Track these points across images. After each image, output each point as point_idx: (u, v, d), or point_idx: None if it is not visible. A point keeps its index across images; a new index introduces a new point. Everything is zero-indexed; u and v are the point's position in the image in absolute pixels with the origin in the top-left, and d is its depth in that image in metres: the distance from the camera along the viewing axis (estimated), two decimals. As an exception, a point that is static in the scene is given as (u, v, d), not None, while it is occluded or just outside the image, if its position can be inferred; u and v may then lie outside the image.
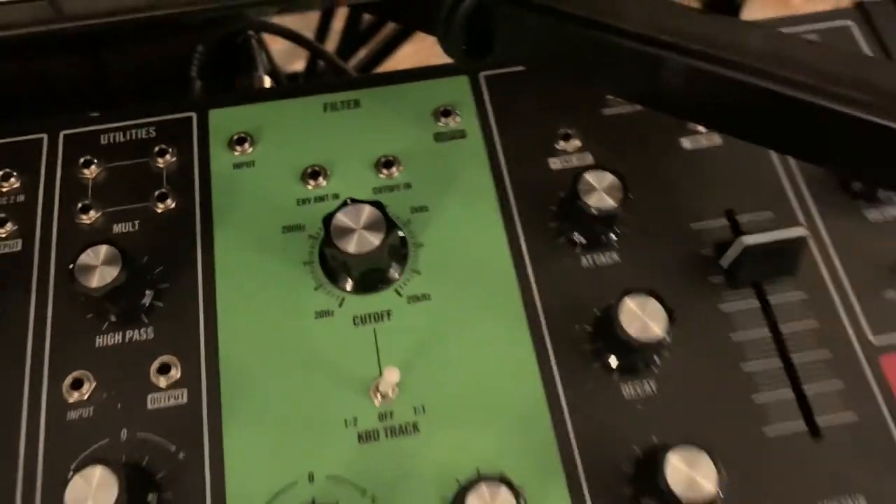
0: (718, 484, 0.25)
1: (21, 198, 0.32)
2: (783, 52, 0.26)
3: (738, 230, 0.31)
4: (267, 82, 0.42)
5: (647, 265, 0.31)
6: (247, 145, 0.33)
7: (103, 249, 0.28)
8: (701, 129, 0.34)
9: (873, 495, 0.27)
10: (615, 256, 0.31)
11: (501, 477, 0.25)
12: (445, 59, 0.32)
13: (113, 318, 0.29)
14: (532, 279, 0.31)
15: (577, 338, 0.29)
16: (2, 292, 0.30)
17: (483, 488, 0.24)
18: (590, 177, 0.30)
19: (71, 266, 0.28)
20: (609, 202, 0.29)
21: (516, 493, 0.24)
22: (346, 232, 0.29)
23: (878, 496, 0.27)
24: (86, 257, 0.28)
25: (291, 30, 0.45)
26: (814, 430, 0.28)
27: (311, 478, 0.27)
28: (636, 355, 0.28)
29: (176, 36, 0.40)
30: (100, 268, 0.28)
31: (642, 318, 0.27)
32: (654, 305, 0.27)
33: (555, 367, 0.29)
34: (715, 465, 0.25)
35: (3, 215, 0.32)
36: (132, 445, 0.27)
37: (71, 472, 0.25)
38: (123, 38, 0.39)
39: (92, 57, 0.40)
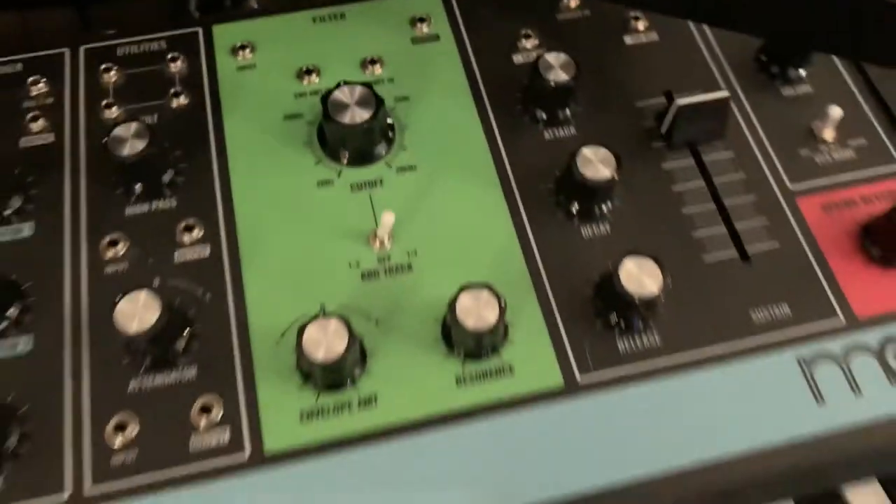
0: (662, 285, 0.30)
1: (50, 100, 0.36)
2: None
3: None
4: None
5: (599, 134, 0.36)
6: (247, 52, 0.38)
7: (134, 125, 0.32)
8: (640, 27, 0.39)
9: (793, 303, 0.32)
10: (572, 130, 0.36)
11: (485, 283, 0.29)
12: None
13: (139, 191, 0.34)
14: (502, 150, 0.36)
15: (542, 193, 0.34)
16: (40, 175, 0.34)
17: (472, 290, 0.29)
18: (549, 57, 0.35)
19: (105, 140, 0.32)
20: (564, 76, 0.35)
21: (497, 295, 0.29)
22: (342, 107, 0.33)
23: (796, 303, 0.32)
24: (119, 130, 0.32)
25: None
26: (744, 255, 0.33)
27: (322, 309, 0.31)
28: (592, 197, 0.33)
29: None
30: (130, 140, 0.32)
31: (595, 163, 0.32)
32: (604, 153, 0.33)
33: (524, 216, 0.34)
34: (661, 269, 0.30)
35: (36, 113, 0.36)
36: (164, 291, 0.31)
37: (119, 295, 0.29)
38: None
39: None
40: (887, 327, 0.32)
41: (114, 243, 0.32)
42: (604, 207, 0.34)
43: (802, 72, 0.38)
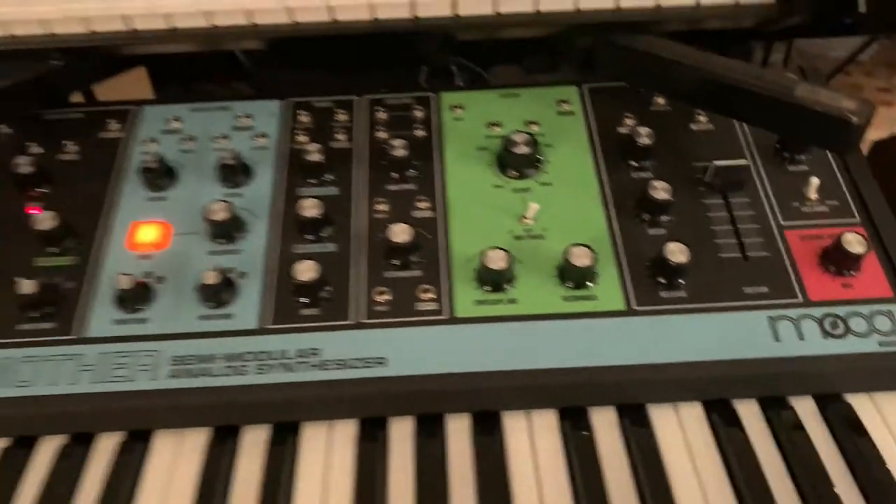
0: (689, 259, 0.52)
1: (349, 124, 0.64)
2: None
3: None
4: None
5: (667, 177, 0.59)
6: (459, 110, 0.64)
7: (398, 140, 0.59)
8: (702, 119, 0.63)
9: (771, 287, 0.54)
10: (650, 173, 0.60)
11: (586, 244, 0.53)
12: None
13: (396, 177, 0.59)
14: (605, 180, 0.59)
15: (627, 206, 0.58)
16: (341, 167, 0.61)
17: (578, 246, 0.52)
18: (640, 129, 0.59)
19: (383, 147, 0.59)
20: (647, 141, 0.59)
21: (592, 250, 0.52)
22: (513, 144, 0.58)
23: (773, 287, 0.54)
24: (395, 143, 0.58)
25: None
26: (745, 257, 0.55)
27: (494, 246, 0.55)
28: (656, 209, 0.56)
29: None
30: (397, 148, 0.58)
31: (660, 189, 0.56)
32: (666, 185, 0.56)
33: (613, 217, 0.57)
34: (689, 251, 0.52)
35: (346, 132, 0.63)
36: (413, 228, 0.56)
37: (391, 225, 0.54)
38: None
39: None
40: (827, 307, 0.53)
41: (381, 203, 0.58)
42: (663, 218, 0.57)
43: (802, 156, 0.60)
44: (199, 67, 0.74)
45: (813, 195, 0.58)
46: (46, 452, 0.50)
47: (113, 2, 0.54)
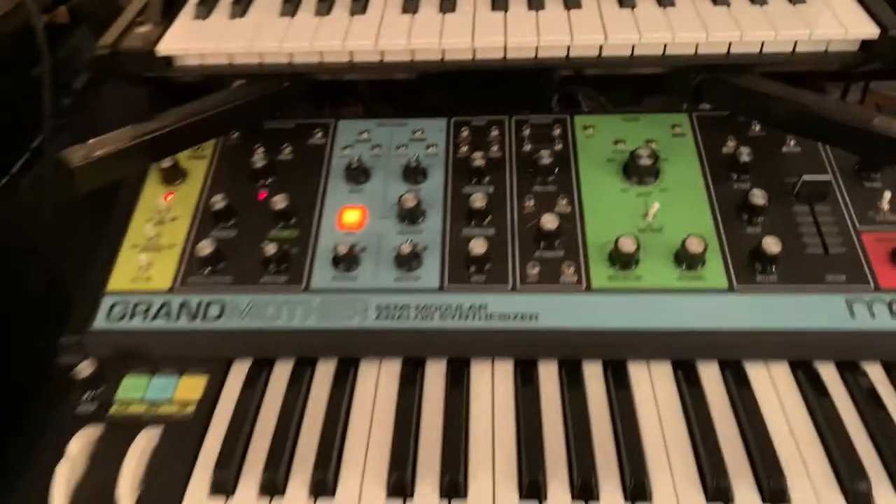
0: (781, 250, 0.66)
1: (498, 142, 0.80)
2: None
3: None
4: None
5: (763, 188, 0.73)
6: (590, 129, 0.80)
7: (545, 152, 0.75)
8: (792, 143, 0.76)
9: (847, 275, 0.67)
10: (750, 185, 0.74)
11: (699, 234, 0.67)
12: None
13: (548, 181, 0.75)
14: (712, 189, 0.73)
15: (730, 211, 0.72)
16: (496, 171, 0.77)
17: (693, 236, 0.67)
18: (742, 149, 0.73)
19: (531, 155, 0.75)
20: (747, 158, 0.73)
21: (705, 240, 0.67)
22: (638, 157, 0.74)
23: (849, 276, 0.67)
24: (541, 153, 0.74)
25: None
26: (826, 251, 0.68)
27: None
28: (755, 212, 0.70)
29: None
30: (544, 156, 0.74)
31: (759, 196, 0.70)
32: (763, 193, 0.70)
33: (719, 218, 0.71)
34: (783, 243, 0.66)
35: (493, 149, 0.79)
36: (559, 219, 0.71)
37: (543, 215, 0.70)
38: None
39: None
40: (889, 294, 0.65)
41: (529, 200, 0.74)
42: (759, 219, 0.70)
43: (877, 175, 0.73)
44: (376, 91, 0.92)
45: (886, 206, 0.71)
46: (282, 370, 0.67)
47: (337, 41, 0.72)
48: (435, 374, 0.66)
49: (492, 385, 0.65)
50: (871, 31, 0.69)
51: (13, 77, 0.89)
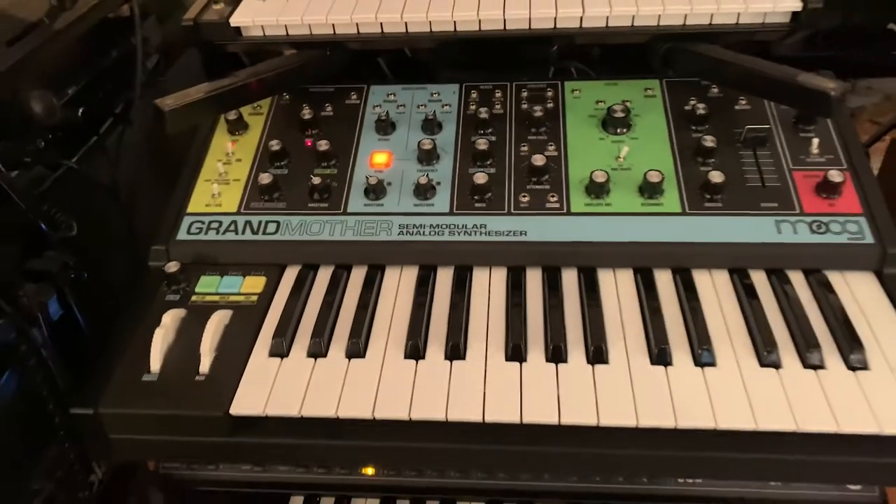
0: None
1: (499, 103, 0.97)
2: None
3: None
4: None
5: (715, 132, 0.89)
6: (577, 91, 0.97)
7: (538, 107, 0.91)
8: (744, 101, 0.92)
9: (779, 203, 0.83)
10: (709, 130, 0.90)
11: (658, 170, 0.83)
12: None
13: (537, 132, 0.92)
14: (673, 134, 0.90)
15: (687, 150, 0.88)
16: (497, 123, 0.94)
17: (653, 171, 0.83)
18: (700, 105, 0.90)
19: (528, 110, 0.92)
20: (703, 112, 0.89)
21: (662, 174, 0.83)
22: (615, 111, 0.90)
23: (780, 204, 0.83)
24: (535, 107, 0.91)
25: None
26: (763, 186, 0.84)
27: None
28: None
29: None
30: (538, 109, 0.91)
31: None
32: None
33: (678, 157, 0.87)
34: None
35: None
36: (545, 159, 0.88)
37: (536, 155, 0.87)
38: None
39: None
40: (816, 216, 0.81)
41: (524, 146, 0.91)
42: (710, 160, 0.86)
43: (811, 126, 0.89)
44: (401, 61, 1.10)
45: (815, 150, 0.86)
46: (324, 274, 0.85)
47: (371, 14, 0.90)
48: (444, 278, 0.83)
49: (488, 286, 0.82)
50: (795, 4, 0.85)
51: (101, 55, 1.08)
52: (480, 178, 0.85)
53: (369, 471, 0.97)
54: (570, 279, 0.82)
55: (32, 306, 0.88)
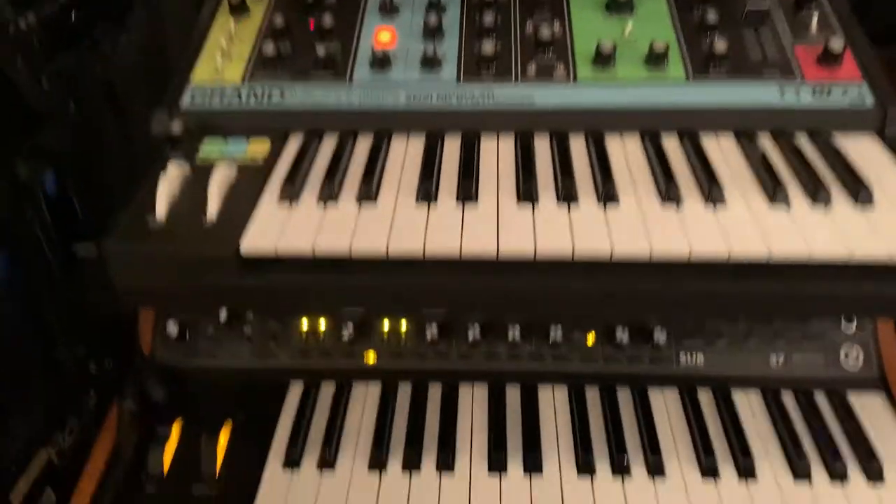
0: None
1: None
2: None
3: None
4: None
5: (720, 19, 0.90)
6: (580, -18, 0.98)
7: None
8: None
9: (768, 66, 0.84)
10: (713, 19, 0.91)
11: (664, 41, 0.84)
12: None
13: (542, 13, 0.93)
14: (678, 21, 0.91)
15: (692, 26, 0.89)
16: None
17: (659, 41, 0.84)
18: (710, 10, 0.91)
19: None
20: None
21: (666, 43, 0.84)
22: (617, -8, 0.91)
23: (770, 68, 0.84)
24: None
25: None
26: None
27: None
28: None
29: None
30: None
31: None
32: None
33: (681, 30, 0.89)
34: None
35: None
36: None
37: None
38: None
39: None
40: (817, 82, 0.82)
41: (530, 23, 0.91)
42: (713, 34, 0.88)
43: (812, 4, 0.90)
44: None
45: (815, 26, 0.88)
46: (330, 139, 0.84)
47: None
48: (452, 145, 0.83)
49: (497, 150, 0.82)
50: None
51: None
52: (488, 45, 0.86)
53: (370, 359, 0.97)
54: (578, 146, 0.82)
55: (29, 181, 0.87)
